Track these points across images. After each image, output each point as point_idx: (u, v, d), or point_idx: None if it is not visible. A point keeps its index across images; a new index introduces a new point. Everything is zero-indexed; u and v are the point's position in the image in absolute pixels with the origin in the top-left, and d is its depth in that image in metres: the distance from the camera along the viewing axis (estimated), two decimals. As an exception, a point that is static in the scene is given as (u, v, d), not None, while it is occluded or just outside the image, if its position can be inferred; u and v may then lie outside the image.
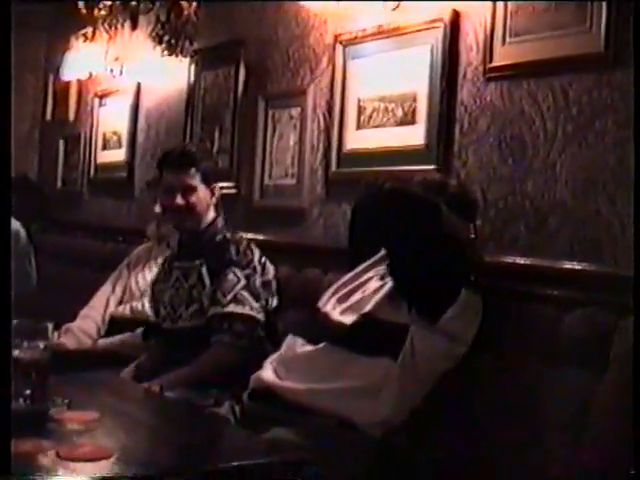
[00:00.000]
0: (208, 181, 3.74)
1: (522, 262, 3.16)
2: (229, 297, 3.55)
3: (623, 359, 2.53)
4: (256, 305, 3.59)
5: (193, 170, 3.69)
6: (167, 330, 3.74)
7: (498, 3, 3.50)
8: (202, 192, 3.71)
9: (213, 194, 3.77)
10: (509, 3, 3.46)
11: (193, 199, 3.69)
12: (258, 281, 3.65)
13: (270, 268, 3.76)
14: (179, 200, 3.67)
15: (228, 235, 3.76)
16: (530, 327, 2.92)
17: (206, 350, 3.50)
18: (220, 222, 3.81)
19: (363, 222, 3.16)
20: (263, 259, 3.74)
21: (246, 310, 3.56)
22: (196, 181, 3.70)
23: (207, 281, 3.63)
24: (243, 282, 3.59)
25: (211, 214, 3.79)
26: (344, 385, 2.91)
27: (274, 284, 3.75)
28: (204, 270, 3.65)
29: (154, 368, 3.57)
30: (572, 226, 3.19)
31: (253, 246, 3.76)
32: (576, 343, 2.77)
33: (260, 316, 3.60)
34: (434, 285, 2.87)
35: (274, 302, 3.71)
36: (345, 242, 3.47)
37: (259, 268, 3.68)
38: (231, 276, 3.59)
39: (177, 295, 3.71)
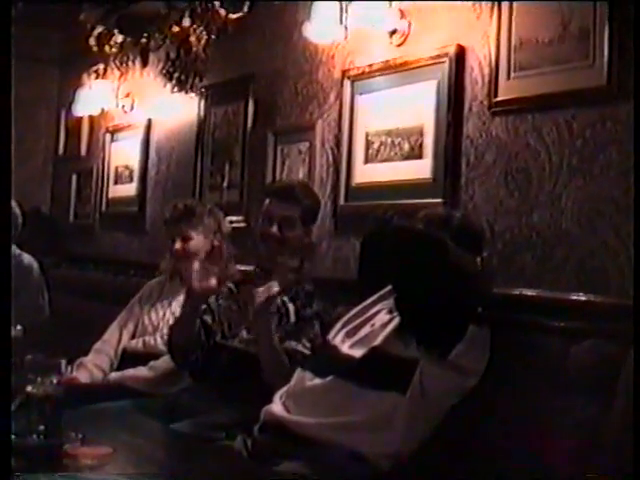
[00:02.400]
0: (305, 221, 3.71)
1: (529, 293, 3.17)
2: (310, 345, 3.51)
3: (631, 390, 2.53)
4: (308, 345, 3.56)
5: (297, 205, 3.66)
6: (215, 344, 3.72)
7: (502, 38, 3.54)
8: (299, 230, 3.68)
9: (307, 236, 3.75)
10: (513, 38, 3.50)
11: (289, 233, 3.64)
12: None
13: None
14: (274, 229, 3.66)
15: (311, 287, 3.71)
16: (537, 358, 2.92)
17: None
18: (307, 266, 3.78)
19: (371, 256, 3.18)
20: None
21: (302, 349, 3.52)
22: (296, 216, 3.65)
23: (292, 319, 3.60)
24: (321, 337, 3.51)
25: (297, 258, 3.72)
26: (353, 419, 2.91)
27: None
28: (291, 308, 3.62)
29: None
30: (578, 257, 3.22)
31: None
32: (583, 374, 2.77)
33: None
34: (442, 321, 2.87)
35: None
36: (354, 275, 3.49)
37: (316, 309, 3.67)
38: (317, 327, 3.56)
39: (239, 314, 3.70)
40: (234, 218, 4.87)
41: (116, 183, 6.88)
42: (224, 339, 3.68)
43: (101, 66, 6.58)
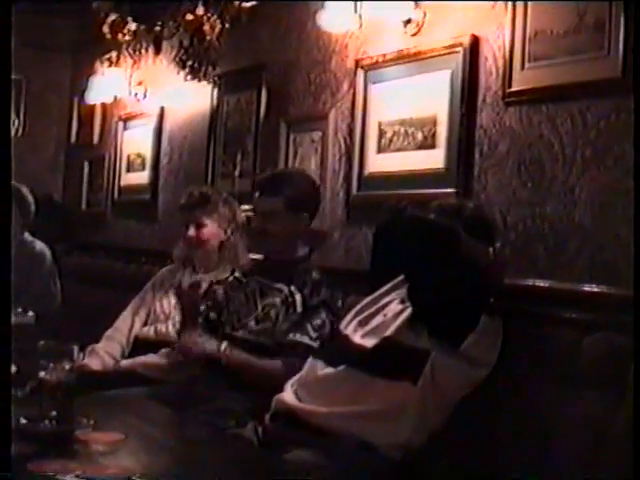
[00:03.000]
0: (295, 209, 3.71)
1: (541, 285, 3.18)
2: (316, 334, 3.53)
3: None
4: (315, 334, 3.56)
5: (278, 197, 3.68)
6: (224, 335, 3.74)
7: (517, 29, 3.53)
8: (287, 219, 3.69)
9: (301, 223, 3.75)
10: (528, 28, 3.49)
11: (275, 226, 3.68)
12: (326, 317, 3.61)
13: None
14: (256, 223, 3.72)
15: (315, 274, 3.70)
16: (549, 350, 2.93)
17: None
18: (311, 258, 3.81)
19: (384, 246, 3.18)
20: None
21: (308, 342, 3.53)
22: (279, 207, 3.68)
23: (299, 309, 3.61)
24: (329, 324, 3.55)
25: (302, 247, 3.79)
26: (364, 408, 2.93)
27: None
28: (298, 299, 3.63)
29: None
30: (591, 249, 3.21)
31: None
32: (595, 366, 2.78)
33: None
34: (454, 311, 2.88)
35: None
36: (366, 265, 3.50)
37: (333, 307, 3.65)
38: (323, 315, 3.57)
39: (246, 306, 3.72)
40: (246, 207, 4.87)
41: (128, 171, 6.89)
42: (233, 330, 3.69)
43: (114, 54, 6.57)
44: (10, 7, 2.49)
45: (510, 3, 3.57)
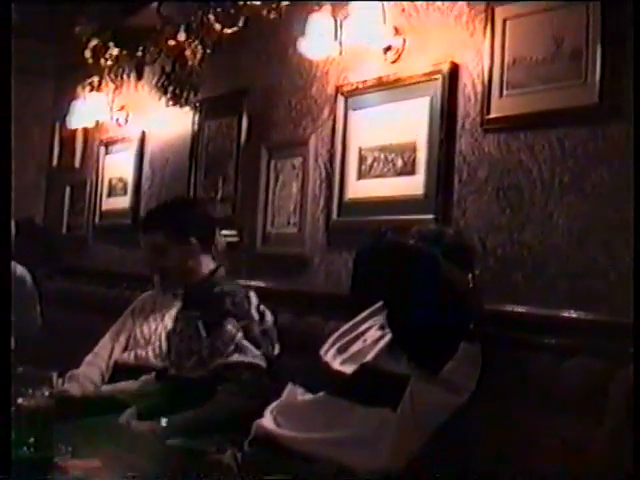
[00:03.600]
0: (179, 237, 3.76)
1: (520, 310, 3.19)
2: (232, 347, 3.57)
3: (620, 408, 2.54)
4: (258, 353, 3.60)
5: (159, 230, 3.75)
6: (173, 377, 3.77)
7: (495, 56, 3.56)
8: (176, 249, 3.76)
9: (192, 248, 3.79)
10: (506, 56, 3.52)
11: (166, 258, 3.76)
12: (257, 330, 3.66)
13: (269, 316, 3.78)
14: (152, 259, 3.80)
15: (226, 288, 3.76)
16: (527, 375, 2.94)
17: (212, 398, 3.53)
18: (221, 273, 3.85)
19: (364, 272, 3.20)
20: (261, 307, 3.77)
21: (249, 358, 3.57)
22: (162, 240, 3.75)
23: (203, 333, 3.65)
24: (242, 332, 3.60)
25: (207, 267, 3.83)
26: (343, 434, 2.93)
27: (274, 332, 3.77)
28: (200, 322, 3.68)
29: (159, 411, 3.59)
30: (569, 275, 3.23)
31: (252, 295, 3.78)
32: (573, 392, 2.79)
33: (263, 363, 3.61)
34: (433, 337, 2.90)
35: (275, 349, 3.74)
36: (346, 290, 3.50)
37: (257, 317, 3.70)
38: (229, 327, 3.60)
39: (182, 345, 3.75)
40: (227, 232, 4.88)
41: (110, 195, 6.87)
42: (177, 370, 3.76)
43: (96, 79, 6.58)
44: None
45: (489, 31, 3.60)
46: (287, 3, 4.70)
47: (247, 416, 3.33)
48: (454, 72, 3.77)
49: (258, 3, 4.78)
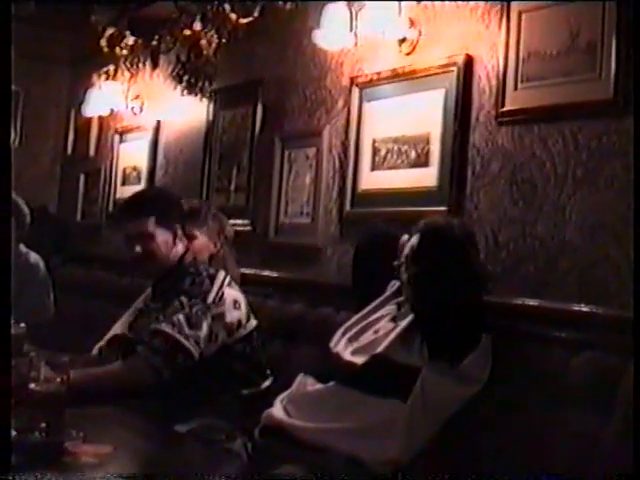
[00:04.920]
0: (165, 223, 3.75)
1: (531, 303, 3.19)
2: (166, 319, 3.54)
3: (630, 402, 2.54)
4: (189, 332, 3.50)
5: (147, 216, 3.72)
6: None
7: (510, 49, 3.56)
8: (161, 236, 3.73)
9: (176, 235, 3.78)
10: (521, 49, 3.52)
11: (152, 245, 3.72)
12: (202, 312, 3.57)
13: (228, 302, 3.67)
14: (137, 249, 3.73)
15: (192, 269, 3.74)
16: (537, 368, 2.94)
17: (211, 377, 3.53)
18: (188, 258, 3.81)
19: (364, 263, 3.27)
20: (226, 292, 3.68)
21: (173, 332, 3.49)
22: (152, 227, 3.72)
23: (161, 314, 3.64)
24: (186, 310, 3.54)
25: (177, 253, 3.79)
26: (353, 425, 2.93)
27: (231, 318, 3.66)
28: (161, 303, 3.69)
29: None
30: (581, 268, 3.23)
31: (220, 278, 3.72)
32: (583, 385, 2.79)
33: (188, 344, 3.50)
34: (460, 328, 2.94)
35: (218, 339, 3.60)
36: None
37: (211, 300, 3.61)
38: (176, 303, 3.57)
39: (144, 322, 3.73)
40: (240, 222, 4.89)
41: (124, 184, 6.90)
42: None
43: (111, 67, 6.60)
44: (9, 21, 2.50)
45: (504, 24, 3.60)
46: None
47: (141, 385, 3.37)
48: (469, 64, 3.77)
49: (274, -7, 4.78)
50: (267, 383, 3.71)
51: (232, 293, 3.71)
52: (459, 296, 2.95)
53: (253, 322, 3.75)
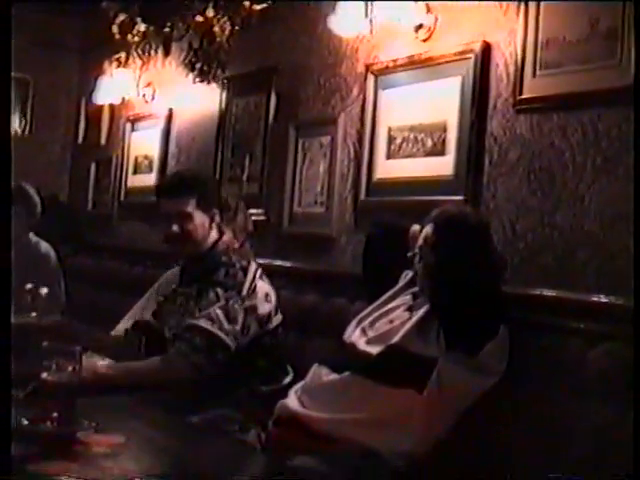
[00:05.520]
0: (205, 207, 3.75)
1: (549, 294, 3.15)
2: (203, 312, 3.54)
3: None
4: (228, 327, 3.52)
5: (188, 197, 3.71)
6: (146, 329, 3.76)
7: (529, 36, 3.52)
8: (199, 218, 3.73)
9: (212, 219, 3.77)
10: (540, 36, 3.48)
11: (189, 226, 3.72)
12: (238, 304, 3.58)
13: (260, 294, 3.67)
14: (175, 228, 3.71)
15: (224, 258, 3.73)
16: (555, 359, 2.91)
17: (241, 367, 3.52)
18: (221, 246, 3.79)
19: (375, 253, 3.27)
20: (259, 284, 3.69)
21: (213, 328, 3.50)
22: (191, 208, 3.71)
23: (192, 300, 3.66)
24: (222, 302, 3.56)
25: (212, 238, 3.79)
26: (368, 415, 2.92)
27: (262, 311, 3.66)
28: (194, 290, 3.68)
29: None
30: (600, 259, 3.19)
31: (252, 270, 3.73)
32: (601, 377, 2.76)
33: (228, 340, 3.52)
34: (479, 317, 2.91)
35: (250, 330, 3.60)
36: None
37: (245, 292, 3.62)
38: (212, 295, 3.58)
39: (182, 320, 3.68)
40: (254, 211, 4.86)
41: (135, 173, 6.88)
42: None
43: (123, 54, 6.57)
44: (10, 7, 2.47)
45: (522, 11, 3.55)
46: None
47: (181, 382, 3.38)
48: (486, 51, 3.73)
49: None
50: (288, 379, 3.66)
51: (264, 286, 3.71)
52: (477, 285, 2.93)
53: (279, 316, 3.75)
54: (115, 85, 6.68)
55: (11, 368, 2.25)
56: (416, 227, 3.21)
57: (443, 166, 3.87)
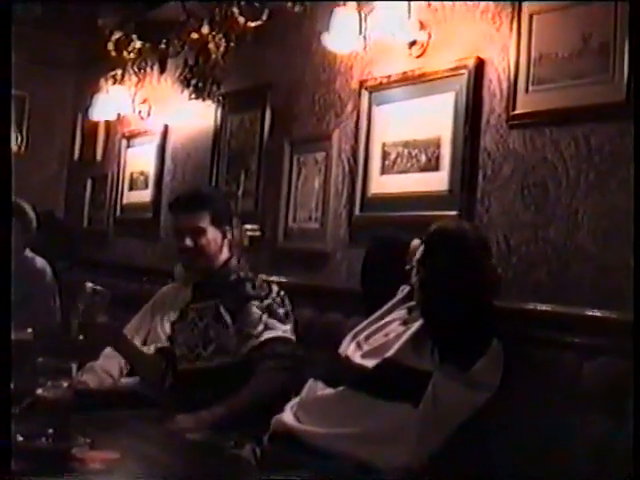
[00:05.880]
0: (218, 223, 3.81)
1: (543, 309, 3.15)
2: (260, 327, 3.62)
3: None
4: (285, 328, 3.67)
5: (202, 212, 3.77)
6: (183, 371, 3.75)
7: (522, 51, 3.53)
8: (212, 234, 3.79)
9: (225, 235, 3.84)
10: (532, 51, 3.49)
11: (202, 241, 3.77)
12: (280, 310, 3.71)
13: (288, 301, 3.80)
14: (188, 242, 3.75)
15: (242, 274, 3.82)
16: (550, 374, 2.91)
17: (246, 383, 3.54)
18: (233, 262, 3.87)
19: (373, 266, 3.27)
20: (282, 293, 3.80)
21: (280, 333, 3.63)
22: (205, 223, 3.77)
23: (227, 319, 3.69)
24: (267, 312, 3.66)
25: (224, 255, 3.86)
26: (363, 430, 2.91)
27: (293, 317, 3.79)
28: (222, 309, 3.71)
29: (176, 409, 3.58)
30: (594, 273, 3.19)
31: (270, 283, 3.83)
32: (596, 391, 2.76)
33: (293, 337, 3.68)
34: (469, 332, 2.91)
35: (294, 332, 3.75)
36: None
37: (278, 300, 3.75)
38: (254, 309, 3.66)
39: (192, 336, 3.76)
40: (249, 226, 4.87)
41: (131, 189, 6.89)
42: (189, 363, 3.76)
43: (119, 71, 6.58)
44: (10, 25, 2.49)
45: (515, 26, 3.57)
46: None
47: (288, 390, 3.38)
48: (480, 67, 3.74)
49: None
50: None
51: (285, 295, 3.81)
52: (468, 300, 2.93)
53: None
54: (111, 102, 6.69)
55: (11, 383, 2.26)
56: (417, 241, 3.22)
57: (437, 181, 3.88)
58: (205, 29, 5.31)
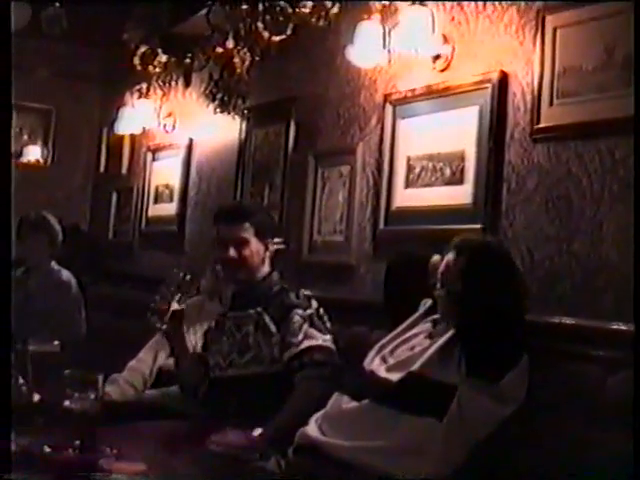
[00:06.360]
0: (261, 235, 3.84)
1: (568, 322, 3.15)
2: (300, 336, 3.64)
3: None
4: (325, 337, 3.68)
5: (246, 224, 3.80)
6: (215, 379, 3.77)
7: (546, 65, 3.53)
8: (255, 245, 3.82)
9: (267, 248, 3.88)
10: (556, 65, 3.50)
11: (246, 252, 3.80)
12: (320, 322, 3.74)
13: (326, 316, 3.82)
14: (232, 253, 3.78)
15: (285, 285, 3.86)
16: (575, 387, 2.91)
17: (290, 391, 3.53)
18: (275, 276, 3.92)
19: (396, 280, 3.34)
20: (321, 309, 3.82)
21: (319, 342, 3.64)
22: (249, 234, 3.80)
23: (272, 328, 3.72)
24: (308, 321, 3.68)
25: (266, 268, 3.90)
26: (388, 443, 2.91)
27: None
28: (267, 318, 3.74)
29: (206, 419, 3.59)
30: (618, 286, 3.18)
31: (310, 297, 3.86)
32: (620, 404, 2.75)
33: (333, 346, 3.68)
34: (501, 346, 2.92)
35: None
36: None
37: (319, 312, 3.78)
38: (297, 318, 3.68)
39: (227, 344, 3.78)
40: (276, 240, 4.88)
41: (156, 202, 6.92)
42: (221, 370, 3.79)
43: (144, 85, 6.61)
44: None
45: (539, 40, 3.58)
46: (336, 11, 4.69)
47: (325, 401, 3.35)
48: (503, 81, 3.75)
49: (307, 11, 4.77)
50: None
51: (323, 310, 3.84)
52: (504, 312, 2.93)
53: None
54: (136, 115, 6.72)
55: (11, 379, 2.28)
56: (437, 257, 3.24)
57: (461, 195, 3.88)
58: (230, 43, 5.33)
